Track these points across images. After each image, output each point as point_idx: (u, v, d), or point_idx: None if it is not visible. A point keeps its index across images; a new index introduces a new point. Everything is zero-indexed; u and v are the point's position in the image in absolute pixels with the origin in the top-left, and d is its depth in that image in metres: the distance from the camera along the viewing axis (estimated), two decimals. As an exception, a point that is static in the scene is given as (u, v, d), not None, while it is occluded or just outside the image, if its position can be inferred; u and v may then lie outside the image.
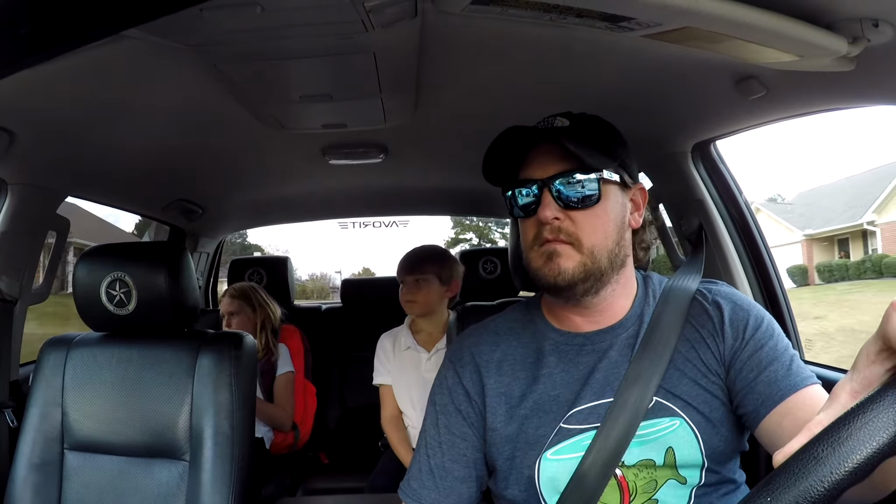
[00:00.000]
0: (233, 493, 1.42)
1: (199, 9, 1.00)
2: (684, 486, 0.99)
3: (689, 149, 1.80)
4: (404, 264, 2.25)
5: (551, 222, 1.00)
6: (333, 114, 1.72)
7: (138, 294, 1.49)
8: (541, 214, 1.00)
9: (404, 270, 2.24)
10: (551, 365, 1.06)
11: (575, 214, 1.00)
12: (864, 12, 0.96)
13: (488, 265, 3.13)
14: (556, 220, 1.00)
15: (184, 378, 1.49)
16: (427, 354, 2.21)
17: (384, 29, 1.14)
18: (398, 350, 2.28)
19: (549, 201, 1.00)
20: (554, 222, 1.00)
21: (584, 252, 1.00)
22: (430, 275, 2.21)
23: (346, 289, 3.49)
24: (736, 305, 1.04)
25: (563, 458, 1.00)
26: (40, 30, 0.46)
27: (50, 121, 1.53)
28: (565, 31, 1.12)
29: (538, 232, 1.02)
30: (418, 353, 2.23)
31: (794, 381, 0.94)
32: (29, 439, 1.50)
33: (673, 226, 1.97)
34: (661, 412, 0.99)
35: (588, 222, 1.00)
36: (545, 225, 1.01)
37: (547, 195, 1.01)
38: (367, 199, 3.12)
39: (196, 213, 2.79)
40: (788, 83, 1.25)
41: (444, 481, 1.07)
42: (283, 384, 2.53)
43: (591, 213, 1.01)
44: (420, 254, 2.27)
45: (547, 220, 1.00)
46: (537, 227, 1.02)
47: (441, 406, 1.11)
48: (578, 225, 1.00)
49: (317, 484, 2.58)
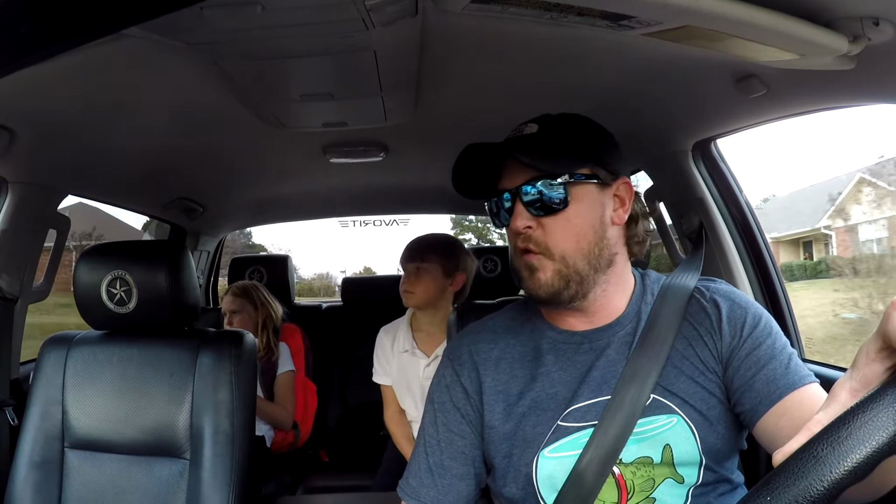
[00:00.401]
0: (233, 491, 1.42)
1: (199, 7, 1.01)
2: (682, 485, 0.99)
3: (690, 147, 1.79)
4: (406, 251, 2.12)
5: (523, 231, 1.02)
6: (334, 112, 1.72)
7: (139, 292, 1.49)
8: (512, 225, 1.03)
9: (406, 258, 2.11)
10: (549, 363, 1.06)
11: (545, 221, 1.01)
12: (864, 11, 0.95)
13: (489, 264, 3.13)
14: (527, 228, 1.01)
15: (184, 376, 1.49)
16: (426, 360, 2.08)
17: (384, 27, 1.14)
18: (396, 351, 2.16)
19: (521, 210, 1.02)
20: (526, 231, 1.01)
21: (555, 259, 1.01)
22: (433, 264, 2.06)
23: (347, 287, 3.49)
24: (734, 303, 1.04)
25: (560, 456, 1.00)
26: (41, 28, 0.46)
27: (50, 119, 1.53)
28: (566, 29, 1.12)
29: (516, 241, 1.04)
30: (416, 359, 2.10)
31: (792, 379, 0.94)
32: (29, 437, 1.50)
33: (673, 224, 1.97)
34: (658, 410, 0.99)
35: (558, 228, 1.01)
36: (520, 234, 1.02)
37: (518, 204, 1.02)
38: (367, 198, 3.12)
39: (197, 211, 2.79)
40: (789, 82, 1.25)
41: (443, 479, 1.07)
42: (284, 383, 2.53)
43: (560, 219, 1.01)
44: (425, 241, 2.13)
45: (518, 229, 1.02)
46: (515, 236, 1.04)
47: (439, 404, 1.12)
48: (548, 232, 1.01)
49: (317, 482, 2.59)
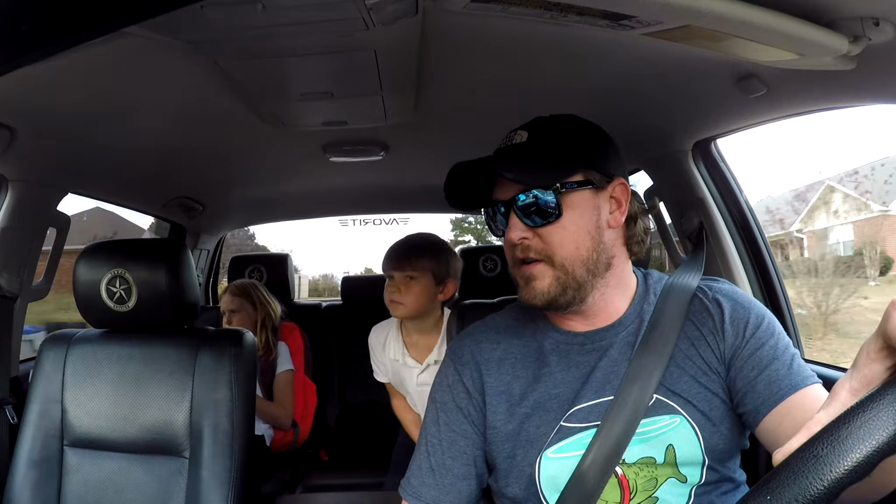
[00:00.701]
0: (232, 489, 1.42)
1: (199, 6, 1.01)
2: (684, 484, 0.99)
3: (690, 147, 1.79)
4: (393, 256, 1.87)
5: (520, 242, 1.01)
6: (334, 111, 1.72)
7: (138, 291, 1.49)
8: (508, 237, 1.02)
9: (392, 264, 1.86)
10: (552, 364, 1.06)
11: (541, 231, 1.01)
12: (864, 11, 0.95)
13: (488, 263, 3.13)
14: (523, 239, 1.01)
15: (184, 375, 1.49)
16: (419, 368, 1.90)
17: (385, 26, 1.13)
18: (388, 358, 1.98)
19: (515, 222, 1.02)
20: (523, 241, 1.01)
21: (556, 266, 1.00)
22: (423, 272, 1.84)
23: (346, 286, 3.49)
24: (737, 303, 1.03)
25: (563, 457, 1.00)
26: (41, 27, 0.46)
27: (50, 118, 1.53)
28: (566, 29, 1.12)
29: (513, 252, 1.04)
30: (409, 368, 1.93)
31: (794, 380, 0.94)
32: (29, 436, 1.50)
33: (673, 224, 1.97)
34: (661, 410, 0.99)
35: (556, 236, 1.00)
36: (516, 245, 1.02)
37: (513, 216, 1.02)
38: (367, 197, 3.12)
39: (197, 210, 2.79)
40: (789, 82, 1.25)
41: (445, 479, 1.07)
42: (283, 382, 2.52)
43: (557, 227, 1.00)
44: (412, 244, 1.88)
45: (513, 241, 1.01)
46: (511, 247, 1.04)
47: (441, 403, 1.12)
48: (546, 240, 1.01)
49: (316, 481, 2.59)
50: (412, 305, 1.85)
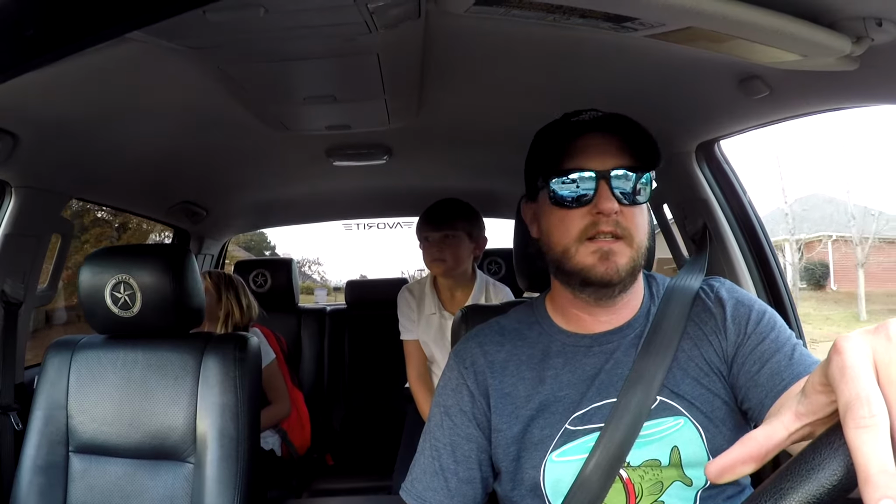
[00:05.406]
0: (238, 495, 1.42)
1: (202, 11, 1.01)
2: (690, 487, 0.98)
3: (693, 149, 1.79)
4: (432, 218, 2.06)
5: (612, 215, 0.99)
6: (337, 115, 1.72)
7: (143, 296, 1.49)
8: (602, 206, 0.98)
9: (431, 225, 2.04)
10: (558, 366, 1.05)
11: (627, 210, 1.00)
12: (867, 11, 0.95)
13: (493, 266, 3.13)
14: (616, 213, 0.99)
15: (188, 380, 1.49)
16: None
17: (388, 30, 1.13)
18: (422, 313, 2.15)
19: (609, 194, 0.99)
20: (614, 215, 0.99)
21: (634, 247, 1.00)
22: (460, 231, 2.03)
23: (350, 290, 3.49)
24: (738, 301, 1.04)
25: (568, 460, 1.00)
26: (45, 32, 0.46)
27: (54, 123, 1.54)
28: (569, 31, 1.12)
29: (590, 224, 1.00)
30: (445, 320, 2.09)
31: (797, 370, 0.94)
32: (34, 442, 1.50)
33: (677, 225, 1.97)
34: (665, 412, 0.99)
35: (639, 218, 1.01)
36: (601, 217, 0.99)
37: (604, 187, 0.99)
38: (371, 201, 3.13)
39: (201, 215, 2.79)
40: (792, 83, 1.25)
41: (450, 483, 1.06)
42: (269, 374, 2.37)
43: (640, 210, 1.02)
44: (450, 207, 2.07)
45: (609, 211, 0.98)
46: (589, 219, 1.00)
47: (446, 407, 1.11)
48: (630, 220, 1.00)
49: (322, 485, 2.59)
50: (452, 262, 2.04)
